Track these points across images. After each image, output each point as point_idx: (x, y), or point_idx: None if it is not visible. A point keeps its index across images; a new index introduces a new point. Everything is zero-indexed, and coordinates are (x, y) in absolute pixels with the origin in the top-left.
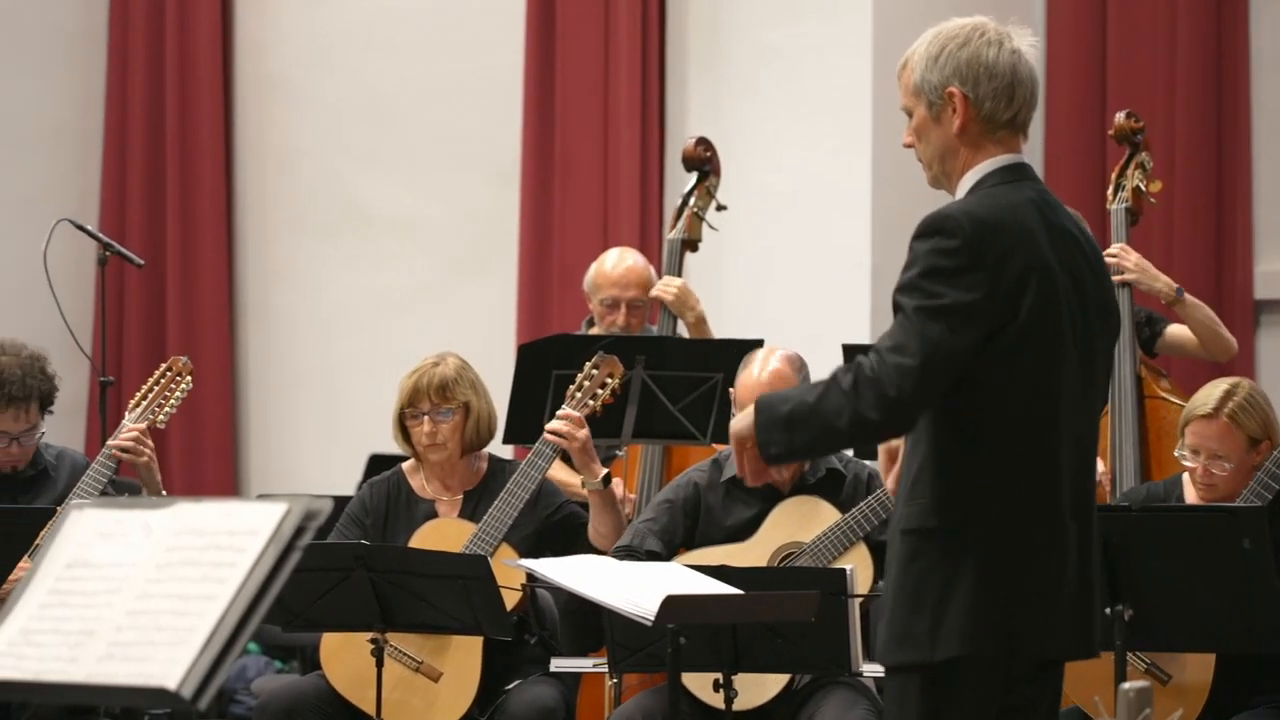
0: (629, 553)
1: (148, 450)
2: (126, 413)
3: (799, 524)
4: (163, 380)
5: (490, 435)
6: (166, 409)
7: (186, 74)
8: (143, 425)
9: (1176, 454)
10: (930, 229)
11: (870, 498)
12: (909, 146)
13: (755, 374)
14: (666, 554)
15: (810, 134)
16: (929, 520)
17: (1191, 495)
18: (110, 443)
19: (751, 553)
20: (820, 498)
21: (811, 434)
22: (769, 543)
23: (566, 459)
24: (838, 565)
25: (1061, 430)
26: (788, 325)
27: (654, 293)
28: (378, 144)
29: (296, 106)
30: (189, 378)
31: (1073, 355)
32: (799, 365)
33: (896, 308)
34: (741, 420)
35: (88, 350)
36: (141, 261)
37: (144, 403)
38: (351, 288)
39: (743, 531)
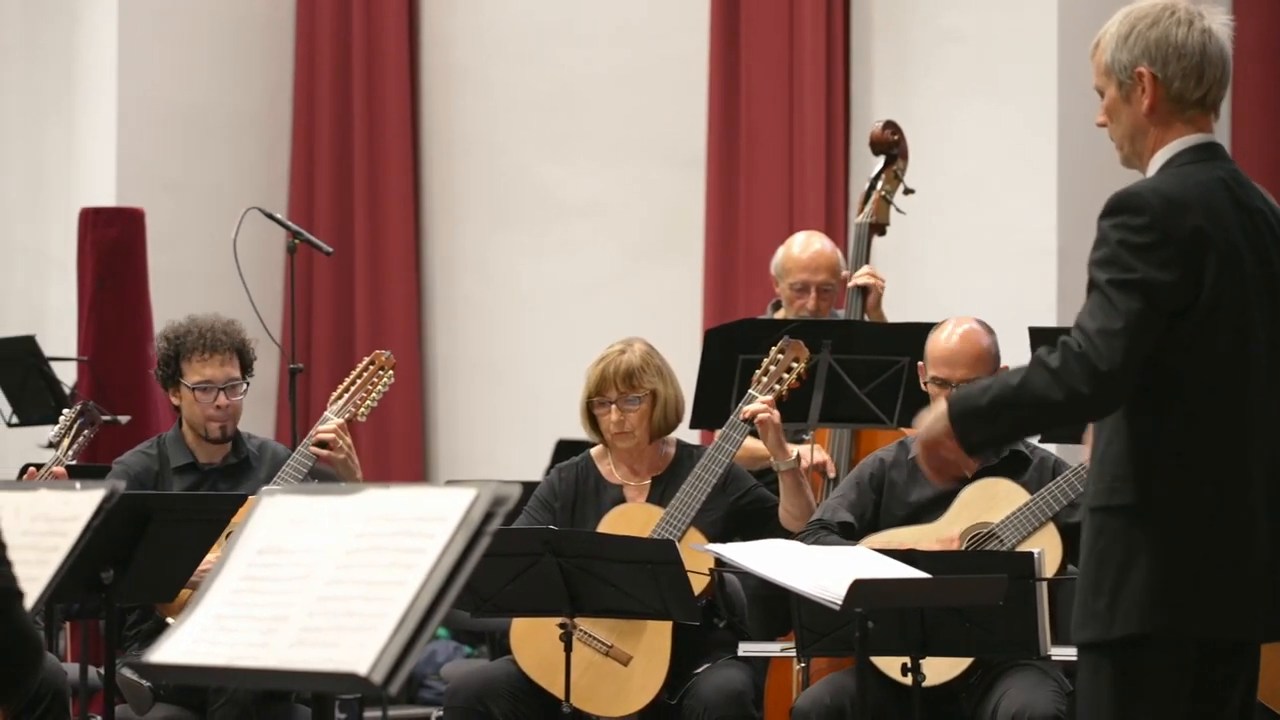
0: (821, 525)
1: (346, 446)
2: (328, 406)
3: (987, 505)
4: (364, 374)
5: (678, 421)
6: (368, 403)
7: (373, 63)
8: (343, 419)
9: None
10: (1117, 207)
11: (1059, 478)
12: (1102, 126)
13: (946, 336)
14: (858, 527)
15: (996, 116)
16: (1113, 498)
17: None
18: (310, 436)
19: (940, 534)
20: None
21: (1018, 416)
22: (958, 523)
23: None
24: (1026, 547)
25: (1247, 406)
26: (974, 309)
27: (859, 281)
28: (564, 131)
29: (482, 94)
30: (390, 372)
31: (1259, 333)
32: (989, 329)
33: (1091, 285)
34: (931, 423)
35: (277, 338)
36: (330, 249)
37: (345, 396)
38: (538, 275)
39: (925, 510)
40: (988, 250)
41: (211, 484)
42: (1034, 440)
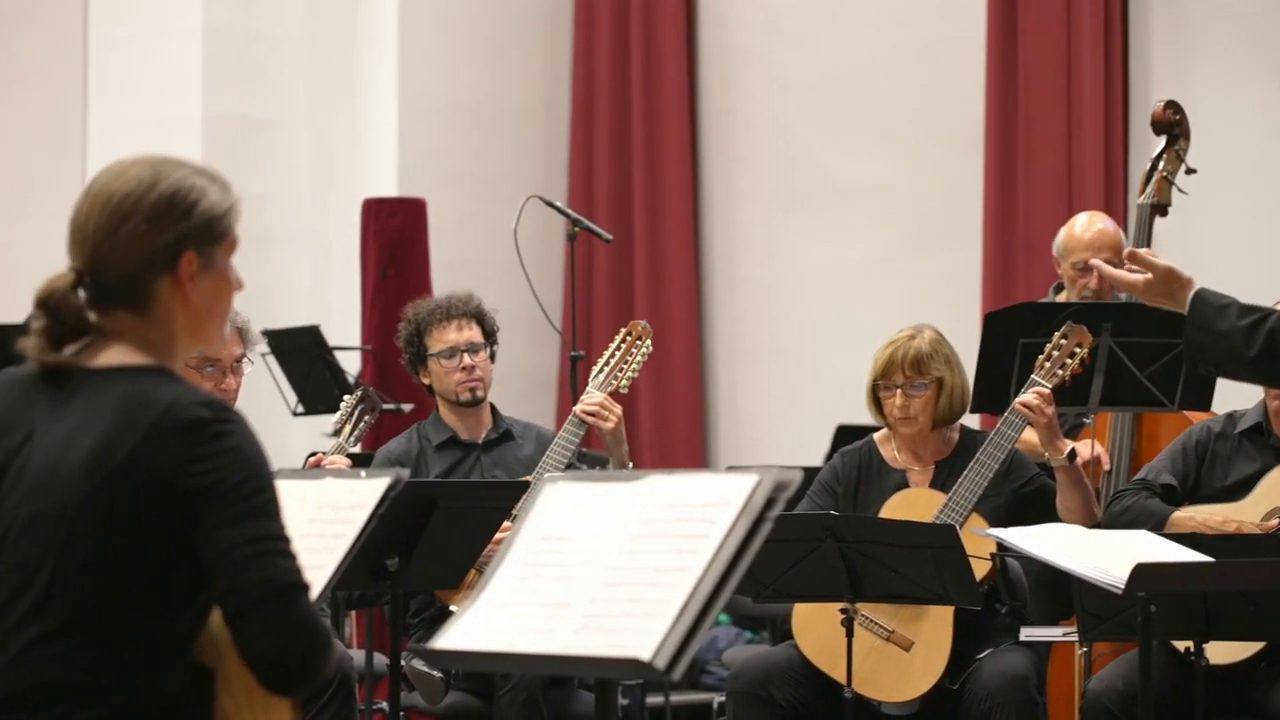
0: (1144, 485)
1: (615, 415)
2: (590, 380)
3: None
4: (623, 345)
5: (962, 410)
6: (629, 374)
7: (651, 48)
8: (606, 393)
9: None
10: None
11: None
12: None
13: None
14: (1180, 492)
15: (1277, 93)
16: None
17: None
18: (576, 408)
19: (1243, 513)
20: None
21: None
22: (1264, 503)
23: None
24: None
25: None
26: (1256, 289)
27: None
28: (841, 114)
29: (761, 78)
30: (649, 341)
31: None
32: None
33: None
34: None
35: (558, 325)
36: (610, 236)
37: (606, 369)
38: (817, 258)
39: (1243, 487)
40: (1271, 230)
41: (474, 459)
42: None
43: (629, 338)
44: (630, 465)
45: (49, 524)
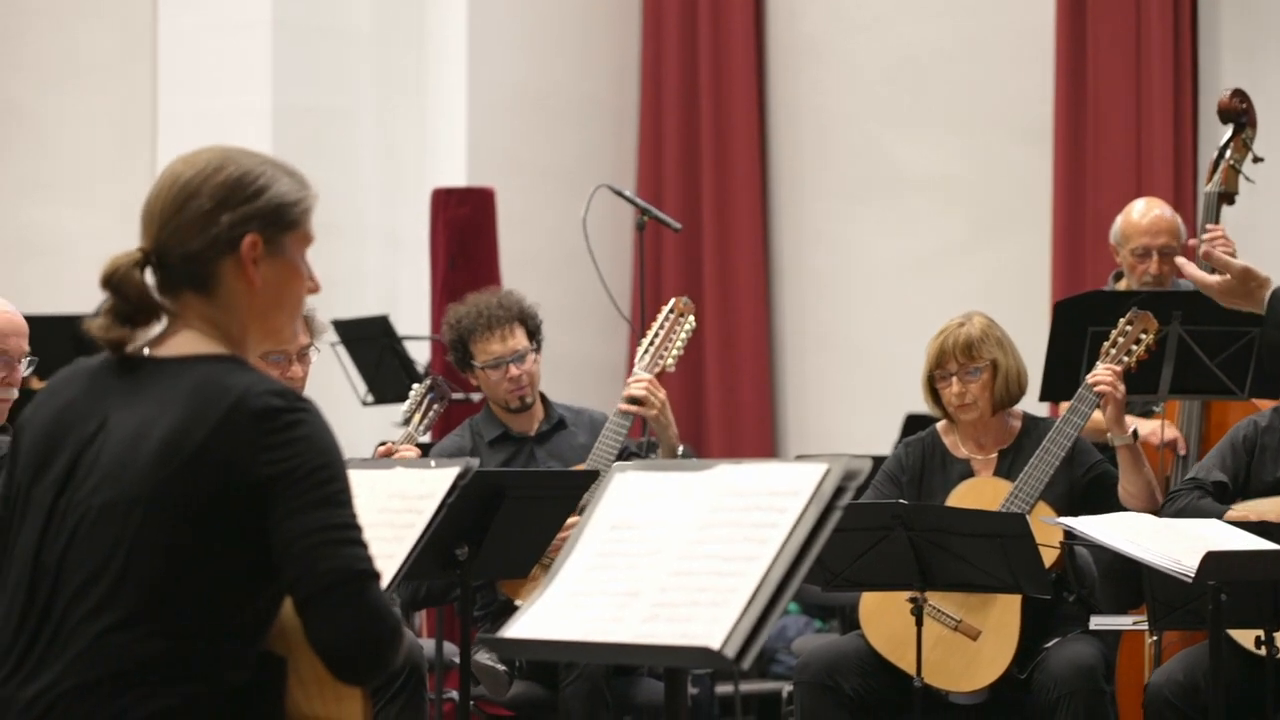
0: (1196, 484)
1: (658, 400)
2: (636, 362)
3: None
4: (666, 323)
5: (1021, 392)
6: (673, 351)
7: (720, 37)
8: (653, 374)
9: None
10: None
11: None
12: None
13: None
14: (1232, 489)
15: None
16: None
17: None
18: (624, 394)
19: None
20: None
21: None
22: None
23: None
24: None
25: None
26: None
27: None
28: (909, 104)
29: (828, 68)
30: (691, 318)
31: None
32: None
33: None
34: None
35: (627, 314)
36: (679, 225)
37: (651, 349)
38: (886, 248)
39: None
40: None
41: (528, 452)
42: None
43: (672, 315)
44: (680, 447)
45: (122, 513)
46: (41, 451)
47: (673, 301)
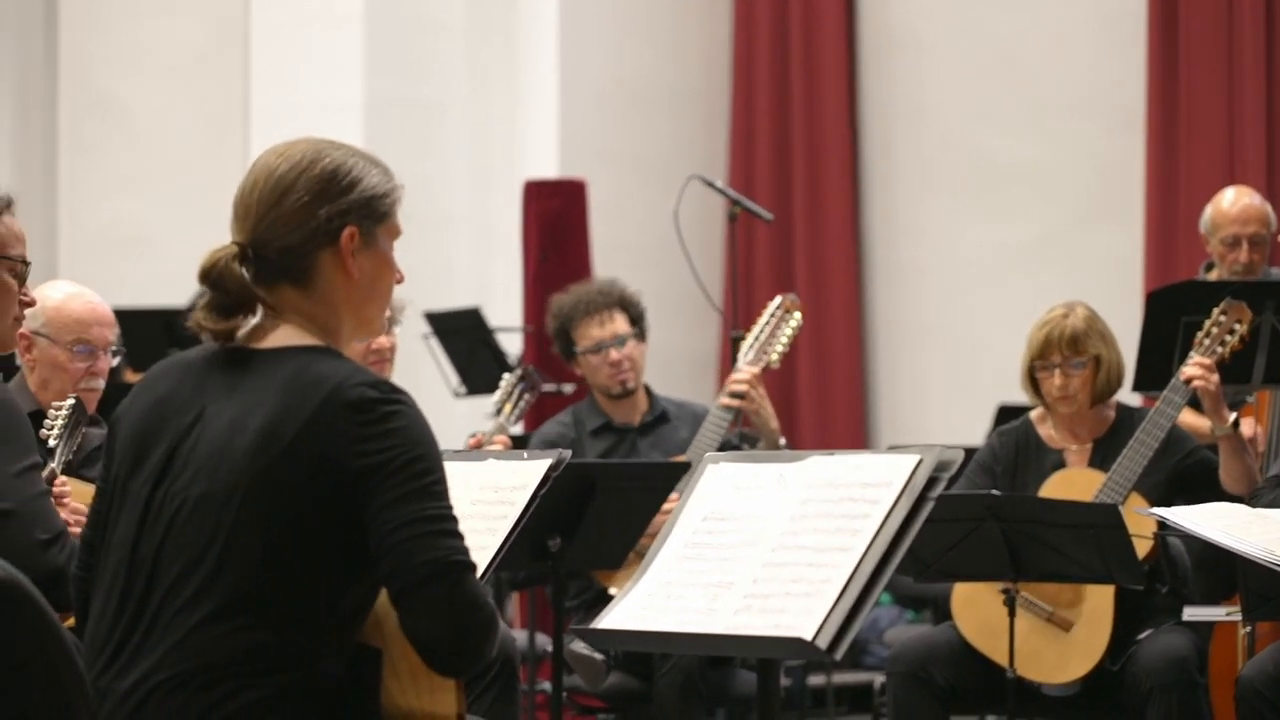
0: (1278, 482)
1: (758, 396)
2: (740, 356)
3: None
4: (772, 319)
5: (1118, 385)
6: (778, 348)
7: (811, 30)
8: (757, 368)
9: None
10: None
11: None
12: None
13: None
14: None
15: None
16: None
17: None
18: (725, 389)
19: None
20: None
21: None
22: None
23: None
24: None
25: None
26: None
27: None
28: (1001, 94)
29: (920, 59)
30: (798, 314)
31: None
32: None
33: None
34: None
35: (718, 305)
36: (770, 216)
37: (756, 343)
38: (977, 239)
39: None
40: None
41: (630, 443)
42: None
43: (778, 311)
44: (782, 440)
45: (218, 504)
46: (138, 444)
47: (780, 298)
